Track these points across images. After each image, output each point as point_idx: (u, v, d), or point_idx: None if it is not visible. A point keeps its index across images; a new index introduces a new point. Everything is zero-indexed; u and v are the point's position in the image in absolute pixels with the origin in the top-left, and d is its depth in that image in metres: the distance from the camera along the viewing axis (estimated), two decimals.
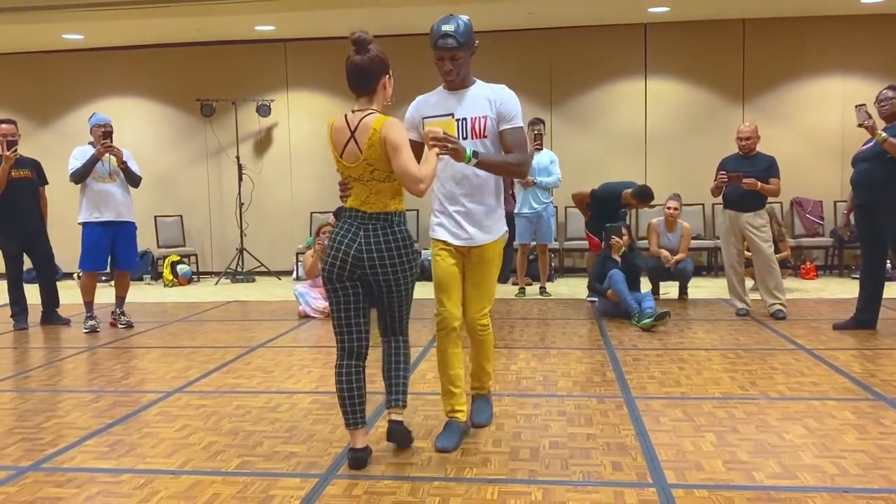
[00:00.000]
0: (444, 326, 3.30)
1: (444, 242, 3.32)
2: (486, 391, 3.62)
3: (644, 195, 7.12)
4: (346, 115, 3.01)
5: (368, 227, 3.02)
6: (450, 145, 3.01)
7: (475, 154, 3.11)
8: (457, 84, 3.25)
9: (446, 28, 3.11)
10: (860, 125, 5.39)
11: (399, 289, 3.07)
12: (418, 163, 2.99)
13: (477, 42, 3.22)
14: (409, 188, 2.95)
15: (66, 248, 9.24)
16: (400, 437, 3.17)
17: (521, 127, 3.28)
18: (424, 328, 6.02)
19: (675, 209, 7.53)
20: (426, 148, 3.06)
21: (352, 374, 3.05)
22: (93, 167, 6.21)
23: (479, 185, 3.26)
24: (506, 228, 3.43)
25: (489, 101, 3.23)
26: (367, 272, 3.01)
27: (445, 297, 3.29)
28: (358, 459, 3.03)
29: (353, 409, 3.04)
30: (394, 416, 3.14)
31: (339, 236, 3.05)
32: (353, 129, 2.97)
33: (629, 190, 7.17)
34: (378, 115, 2.97)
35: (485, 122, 3.22)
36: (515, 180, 7.75)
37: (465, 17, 3.16)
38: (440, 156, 3.04)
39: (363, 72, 2.97)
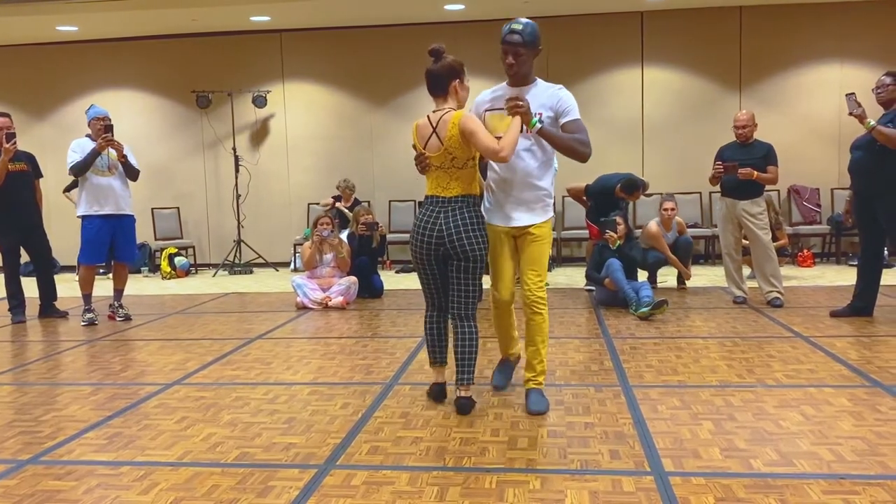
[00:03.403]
0: (498, 304, 3.79)
1: (496, 226, 3.66)
2: (540, 384, 3.70)
3: (631, 187, 7.15)
4: (428, 116, 3.56)
5: (448, 210, 3.52)
6: (521, 106, 3.34)
7: (541, 121, 3.44)
8: (518, 80, 3.60)
9: (515, 26, 3.49)
10: (850, 114, 5.40)
11: (472, 261, 3.54)
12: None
13: (541, 47, 3.57)
14: (493, 158, 3.43)
15: (63, 241, 9.24)
16: (467, 408, 3.60)
17: (580, 119, 3.58)
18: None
19: (672, 209, 7.49)
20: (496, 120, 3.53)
21: (439, 322, 3.73)
22: (93, 161, 6.19)
23: (526, 174, 3.57)
24: (552, 213, 3.70)
25: (548, 98, 3.57)
26: (447, 246, 3.52)
27: (498, 277, 3.74)
28: (439, 392, 3.73)
29: (437, 349, 3.72)
30: (462, 393, 3.61)
31: (422, 221, 3.58)
32: (434, 125, 3.51)
33: (618, 186, 7.21)
34: (454, 111, 3.49)
35: (540, 117, 3.47)
36: None
37: (534, 24, 3.52)
38: (512, 114, 3.38)
39: (437, 77, 3.54)
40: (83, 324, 6.33)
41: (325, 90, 10.36)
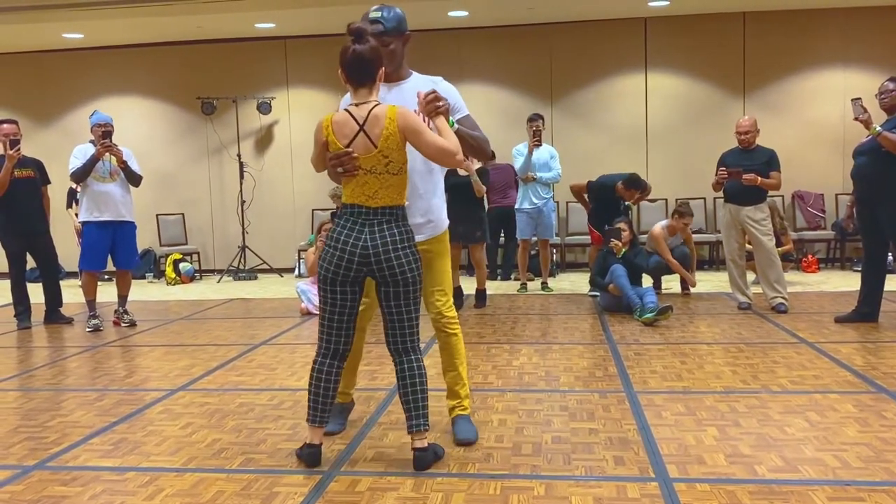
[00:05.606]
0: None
1: None
2: (466, 409, 3.37)
3: (633, 183, 7.19)
4: (346, 110, 2.92)
5: (374, 223, 2.89)
6: (441, 105, 2.95)
7: (458, 122, 3.16)
8: (391, 75, 3.16)
9: (374, 15, 3.10)
10: (856, 119, 5.41)
11: (411, 288, 2.94)
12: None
13: (409, 32, 3.19)
14: (447, 162, 2.97)
15: (69, 247, 9.27)
16: (427, 463, 2.98)
17: (469, 114, 3.29)
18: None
19: (687, 224, 7.47)
20: (425, 119, 2.99)
21: (331, 374, 3.01)
22: (93, 167, 6.22)
23: (414, 188, 3.14)
24: (439, 231, 3.27)
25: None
26: (374, 268, 2.89)
27: None
28: (314, 455, 3.03)
29: (322, 407, 3.01)
30: (417, 444, 2.97)
31: (340, 235, 2.90)
32: (361, 122, 2.86)
33: (620, 183, 7.24)
34: (385, 105, 2.90)
35: (424, 116, 3.04)
36: (518, 177, 7.81)
37: (397, 8, 3.15)
38: (432, 115, 2.96)
39: (366, 61, 2.87)
40: (88, 330, 6.34)
41: (330, 97, 10.37)
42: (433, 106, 2.94)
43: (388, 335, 3.02)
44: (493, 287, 8.18)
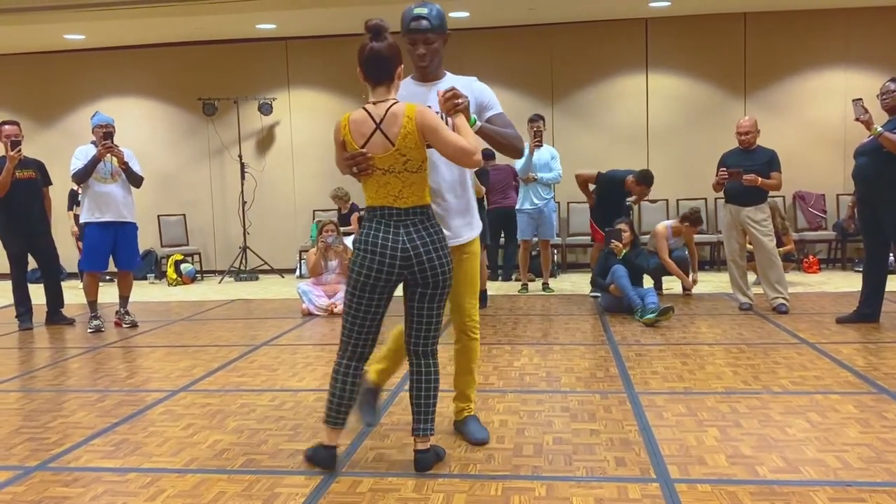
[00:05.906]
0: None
1: None
2: (472, 411, 3.40)
3: (645, 178, 7.21)
4: (365, 108, 2.88)
5: (408, 224, 2.85)
6: (460, 102, 2.89)
7: (479, 118, 3.12)
8: (429, 74, 3.17)
9: (419, 11, 3.05)
10: (857, 119, 5.41)
11: (446, 290, 2.93)
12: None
13: (449, 31, 3.14)
14: (465, 162, 2.89)
15: (71, 248, 9.29)
16: (429, 464, 2.99)
17: (503, 112, 3.24)
18: None
19: (695, 231, 7.63)
20: (443, 116, 2.96)
21: (356, 378, 2.98)
22: (94, 168, 6.22)
23: (454, 183, 3.13)
24: (478, 231, 3.25)
25: (467, 92, 3.08)
26: (417, 272, 2.85)
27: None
28: (329, 457, 3.01)
29: (341, 409, 2.97)
30: (420, 446, 2.99)
31: (376, 238, 2.84)
32: (378, 120, 2.83)
33: (631, 177, 7.23)
34: (404, 104, 2.86)
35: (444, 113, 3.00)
36: (518, 177, 7.81)
37: (437, 5, 3.11)
38: (454, 113, 2.91)
39: (385, 59, 2.84)
40: (90, 331, 6.35)
41: (331, 97, 10.39)
42: (452, 104, 2.90)
43: (411, 336, 2.98)
44: (493, 288, 8.18)
